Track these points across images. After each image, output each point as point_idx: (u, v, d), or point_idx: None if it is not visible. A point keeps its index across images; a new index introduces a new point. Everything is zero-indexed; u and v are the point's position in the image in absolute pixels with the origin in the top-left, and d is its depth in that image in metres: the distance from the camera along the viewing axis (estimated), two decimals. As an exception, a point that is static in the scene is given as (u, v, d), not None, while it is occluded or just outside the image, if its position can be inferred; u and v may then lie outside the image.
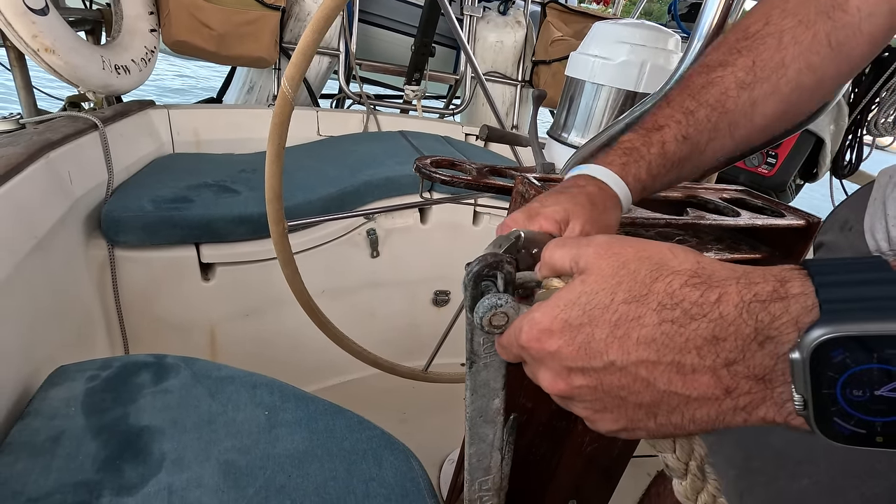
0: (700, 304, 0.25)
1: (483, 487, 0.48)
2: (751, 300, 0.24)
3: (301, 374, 1.45)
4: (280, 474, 0.61)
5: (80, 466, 0.58)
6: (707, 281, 0.25)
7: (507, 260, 0.35)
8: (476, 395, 0.42)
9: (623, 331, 0.26)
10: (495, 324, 0.34)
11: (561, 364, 0.29)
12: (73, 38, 1.14)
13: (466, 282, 0.35)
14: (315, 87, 2.02)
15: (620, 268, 0.28)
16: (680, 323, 0.25)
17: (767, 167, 1.60)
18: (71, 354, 0.90)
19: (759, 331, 0.24)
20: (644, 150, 0.45)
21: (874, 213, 0.49)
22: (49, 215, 0.90)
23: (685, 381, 0.26)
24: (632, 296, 0.27)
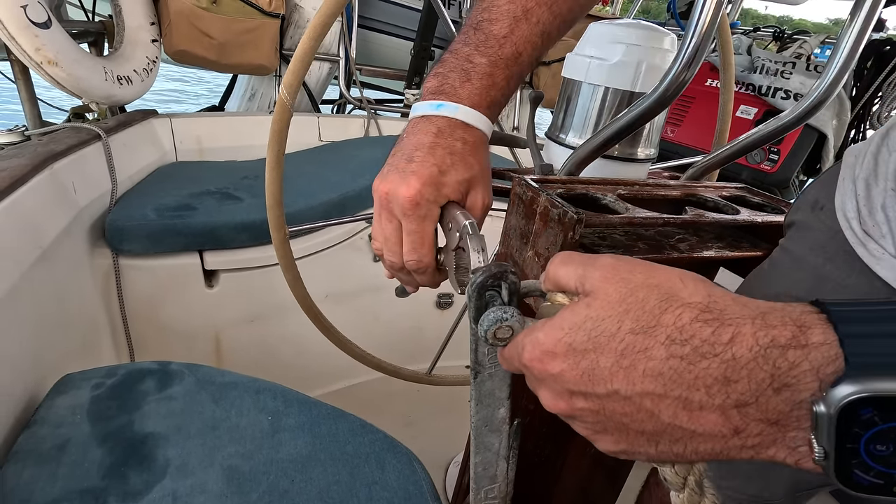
0: (711, 343, 0.24)
1: (489, 496, 0.48)
2: (767, 345, 0.23)
3: (306, 378, 1.45)
4: (283, 479, 0.61)
5: (85, 474, 0.59)
6: (719, 318, 0.24)
7: (512, 270, 0.35)
8: (481, 405, 0.42)
9: (629, 361, 0.26)
10: (500, 336, 0.33)
11: (563, 386, 0.28)
12: (75, 51, 1.15)
13: (470, 292, 0.34)
14: (316, 93, 2.03)
15: (628, 295, 0.27)
16: (689, 360, 0.24)
17: (770, 164, 1.59)
18: (77, 363, 0.91)
19: (775, 377, 0.23)
20: (503, 82, 0.44)
21: (844, 193, 0.50)
22: (54, 225, 0.91)
23: (691, 417, 0.25)
24: (640, 326, 0.26)
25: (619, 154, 0.78)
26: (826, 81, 0.70)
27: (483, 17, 0.43)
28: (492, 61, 0.43)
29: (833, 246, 0.49)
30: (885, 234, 0.45)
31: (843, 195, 0.50)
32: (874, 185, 0.47)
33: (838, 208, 0.50)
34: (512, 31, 0.43)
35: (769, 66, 1.62)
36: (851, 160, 0.52)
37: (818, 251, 0.51)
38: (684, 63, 0.54)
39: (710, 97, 1.80)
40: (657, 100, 0.58)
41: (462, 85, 0.43)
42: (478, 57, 0.43)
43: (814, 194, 0.56)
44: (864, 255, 0.46)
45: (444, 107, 0.43)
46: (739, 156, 0.83)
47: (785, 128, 0.76)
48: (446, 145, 0.42)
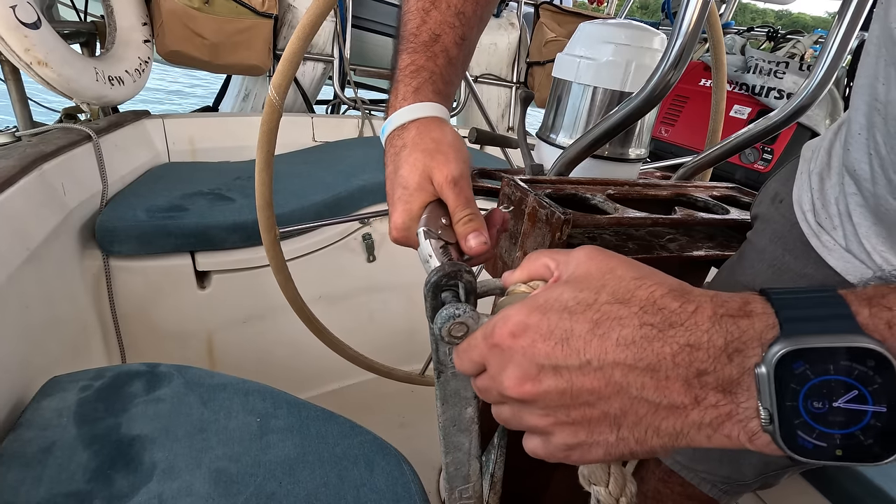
0: (678, 313, 0.26)
1: (464, 496, 0.48)
2: (722, 314, 0.25)
3: (299, 379, 1.45)
4: (271, 481, 0.61)
5: (70, 477, 0.58)
6: (685, 295, 0.27)
7: (467, 269, 0.35)
8: (447, 405, 0.41)
9: (604, 329, 0.27)
10: (455, 334, 0.33)
11: (532, 361, 0.28)
12: (65, 51, 1.15)
13: (425, 292, 0.35)
14: (310, 94, 2.02)
15: (608, 272, 0.29)
16: (659, 328, 0.26)
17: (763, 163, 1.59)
18: (67, 365, 0.91)
19: (728, 343, 0.25)
20: (431, 64, 0.45)
21: (801, 186, 0.51)
22: (42, 227, 0.90)
23: (657, 387, 0.26)
24: (615, 297, 0.27)
25: (609, 154, 0.78)
26: (815, 81, 0.70)
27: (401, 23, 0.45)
28: (410, 54, 0.44)
29: (791, 237, 0.51)
30: (837, 226, 0.46)
31: (800, 189, 0.51)
32: (827, 178, 0.48)
33: (795, 201, 0.51)
34: (424, 21, 0.44)
35: (762, 65, 1.62)
36: (808, 154, 0.53)
37: (777, 242, 0.53)
38: (671, 63, 0.54)
39: (705, 97, 1.80)
40: (645, 99, 0.58)
41: (394, 93, 0.46)
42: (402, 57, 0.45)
43: (774, 187, 0.57)
44: (817, 246, 0.48)
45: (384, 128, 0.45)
46: (730, 155, 0.83)
47: (775, 127, 0.76)
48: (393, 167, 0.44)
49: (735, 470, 0.60)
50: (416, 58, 0.45)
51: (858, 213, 0.44)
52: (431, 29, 0.45)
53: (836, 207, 0.46)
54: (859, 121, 0.41)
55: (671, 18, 2.13)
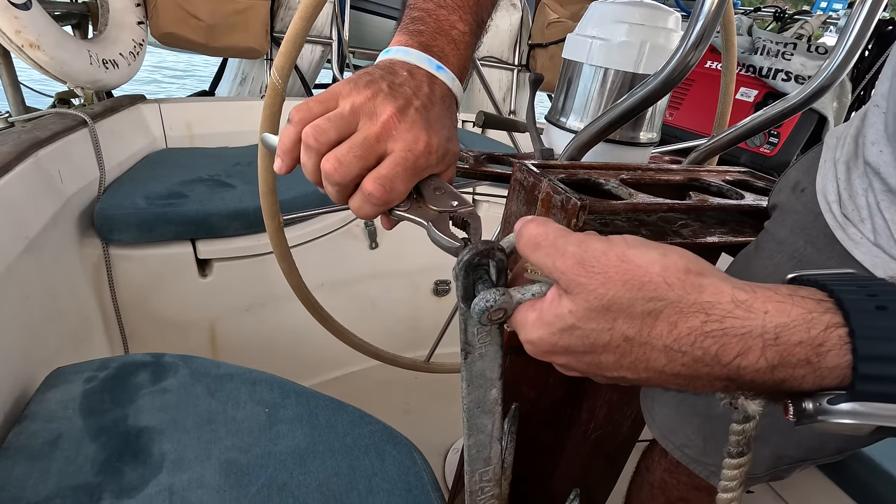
0: (715, 356, 0.24)
1: (484, 478, 0.48)
2: (778, 363, 0.23)
3: (303, 367, 1.44)
4: (282, 472, 0.60)
5: (79, 469, 0.58)
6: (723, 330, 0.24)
7: (498, 247, 0.34)
8: (472, 386, 0.41)
9: (630, 361, 0.26)
10: (494, 318, 0.33)
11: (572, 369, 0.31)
12: (58, 33, 1.11)
13: (457, 271, 0.34)
14: (309, 77, 1.99)
15: (612, 303, 0.26)
16: (690, 367, 0.25)
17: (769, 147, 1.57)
18: (70, 355, 0.90)
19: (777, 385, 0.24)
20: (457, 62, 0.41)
21: (825, 175, 0.49)
22: (40, 215, 0.88)
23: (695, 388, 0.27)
24: (633, 334, 0.26)
25: (620, 138, 0.76)
26: (833, 64, 0.68)
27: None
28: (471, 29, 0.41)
29: (814, 229, 0.49)
30: (864, 218, 0.44)
31: (824, 178, 0.49)
32: (854, 168, 0.47)
33: (819, 191, 0.49)
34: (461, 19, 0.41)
35: (770, 46, 1.59)
36: (833, 142, 0.51)
37: (799, 234, 0.51)
38: (692, 43, 0.52)
39: (710, 79, 1.77)
40: (662, 81, 0.57)
41: (452, 53, 0.40)
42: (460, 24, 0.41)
43: (795, 176, 0.55)
44: (843, 238, 0.46)
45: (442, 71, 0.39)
46: (743, 139, 0.81)
47: (790, 111, 0.74)
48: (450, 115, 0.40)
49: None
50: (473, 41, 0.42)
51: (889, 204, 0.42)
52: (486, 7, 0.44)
53: (864, 199, 0.45)
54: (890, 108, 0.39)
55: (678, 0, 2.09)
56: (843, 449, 0.53)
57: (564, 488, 0.96)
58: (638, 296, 0.25)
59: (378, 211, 0.37)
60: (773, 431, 0.54)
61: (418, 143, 0.35)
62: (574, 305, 0.27)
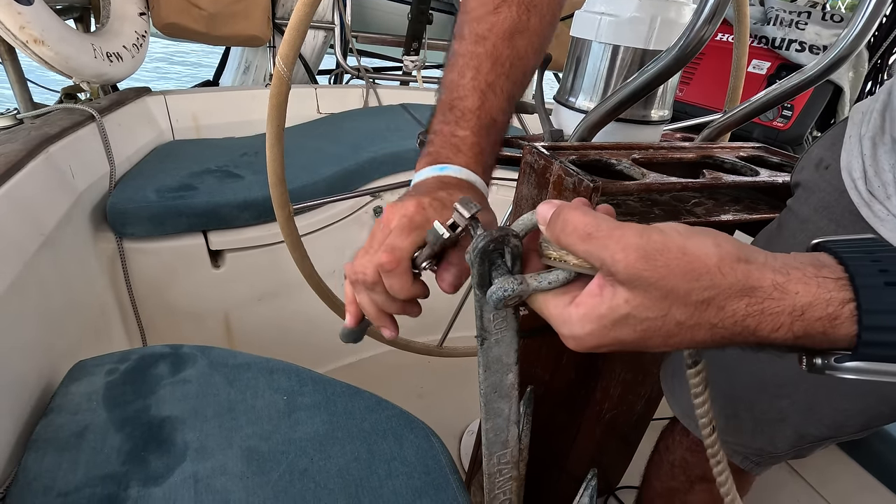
0: (753, 331, 0.27)
1: (502, 461, 0.48)
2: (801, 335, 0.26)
3: (317, 354, 1.46)
4: (302, 458, 0.61)
5: (106, 459, 0.59)
6: (762, 310, 0.26)
7: (513, 233, 0.34)
8: (489, 372, 0.41)
9: (676, 341, 0.29)
10: (510, 304, 0.33)
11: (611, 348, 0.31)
12: (61, 28, 1.11)
13: (472, 258, 0.34)
14: (312, 64, 1.97)
15: (670, 292, 0.27)
16: (728, 339, 0.28)
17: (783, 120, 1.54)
18: (89, 349, 0.91)
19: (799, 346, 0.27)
20: (489, 148, 0.46)
21: (850, 151, 0.48)
22: (54, 211, 0.89)
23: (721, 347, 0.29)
24: (685, 318, 0.27)
25: (631, 117, 0.75)
26: (852, 33, 0.66)
27: (454, 96, 0.45)
28: (474, 132, 0.45)
29: (839, 207, 0.48)
30: (891, 194, 0.43)
31: (849, 154, 0.48)
32: (881, 144, 0.45)
33: (844, 168, 0.48)
34: (483, 103, 0.45)
35: (783, 16, 1.54)
36: (858, 117, 0.50)
37: (823, 212, 0.50)
38: (705, 17, 0.51)
39: (722, 52, 1.73)
40: (675, 57, 0.55)
41: (456, 156, 0.45)
42: (461, 131, 0.45)
43: (819, 153, 0.54)
44: (868, 216, 0.45)
45: (447, 168, 0.44)
46: (757, 114, 0.79)
47: (806, 84, 0.72)
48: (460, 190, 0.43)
49: (768, 442, 0.59)
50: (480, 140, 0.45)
51: None
52: (490, 113, 0.45)
53: (890, 175, 0.43)
54: None
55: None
56: (867, 425, 0.53)
57: (580, 468, 0.97)
58: (695, 286, 0.27)
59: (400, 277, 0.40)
60: (794, 411, 0.54)
61: (408, 207, 0.39)
62: (631, 295, 0.28)
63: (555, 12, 0.45)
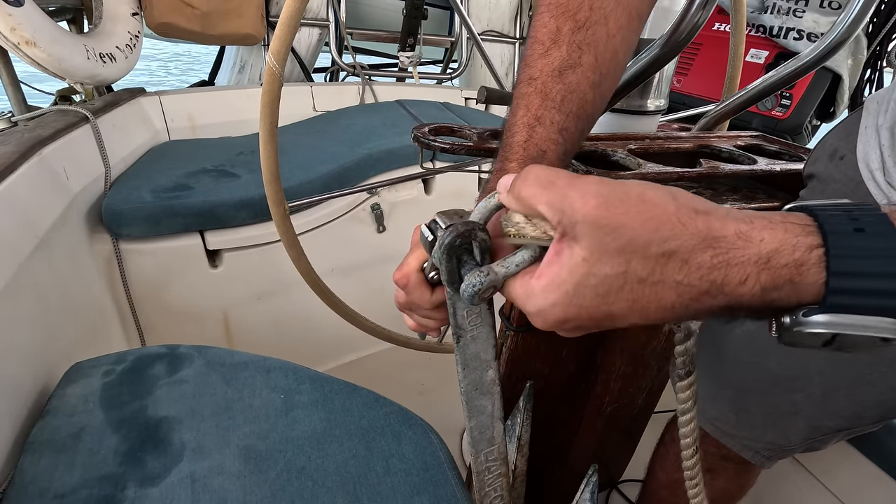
0: (720, 286, 0.26)
1: (489, 458, 0.48)
2: (768, 286, 0.25)
3: (318, 353, 1.46)
4: (300, 456, 0.61)
5: (102, 461, 0.59)
6: (727, 261, 0.25)
7: (479, 226, 0.33)
8: (468, 369, 0.41)
9: (641, 305, 0.27)
10: (485, 297, 0.32)
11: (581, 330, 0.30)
12: (53, 29, 1.10)
13: (439, 256, 0.33)
14: (307, 62, 1.96)
15: (628, 243, 0.26)
16: (698, 299, 0.26)
17: (782, 109, 1.53)
18: (87, 350, 0.91)
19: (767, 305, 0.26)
20: None
21: (867, 142, 0.47)
22: (48, 213, 0.89)
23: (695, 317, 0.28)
24: (647, 274, 0.26)
25: (627, 107, 0.74)
26: (848, 18, 0.65)
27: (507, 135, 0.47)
28: (520, 163, 0.45)
29: (854, 198, 0.47)
30: None
31: (866, 145, 0.47)
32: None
33: (860, 158, 0.47)
34: (530, 137, 0.45)
35: (780, 4, 1.53)
36: (874, 107, 0.48)
37: None
38: (699, 3, 0.50)
39: (719, 42, 1.71)
40: (669, 45, 0.55)
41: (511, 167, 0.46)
42: (508, 164, 0.46)
43: (833, 143, 0.53)
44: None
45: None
46: (753, 103, 0.79)
47: (803, 70, 0.71)
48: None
49: (780, 436, 0.58)
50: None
51: None
52: (538, 145, 0.45)
53: None
54: None
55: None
56: (884, 417, 0.52)
57: (582, 462, 0.97)
58: (655, 237, 0.26)
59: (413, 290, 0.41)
60: (808, 404, 0.53)
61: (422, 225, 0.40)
62: (587, 252, 0.27)
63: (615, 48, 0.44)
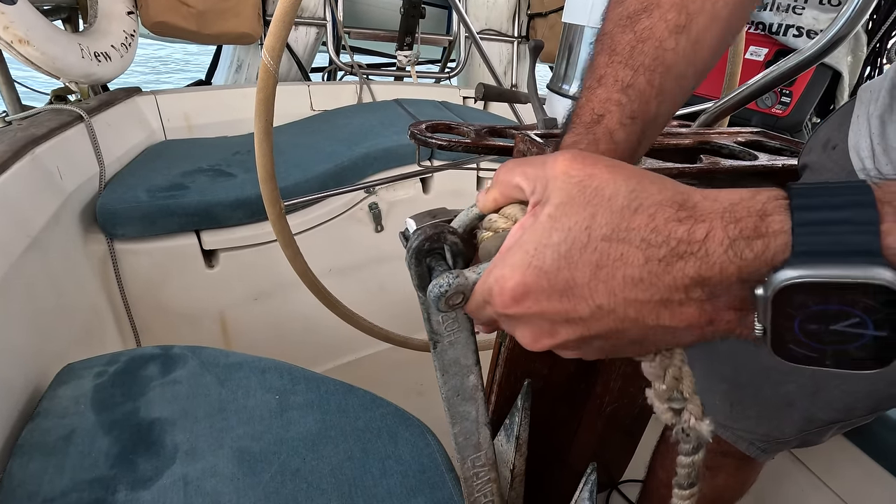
0: (687, 242, 0.24)
1: (477, 464, 0.47)
2: (736, 237, 0.23)
3: (315, 353, 1.45)
4: (294, 458, 0.60)
5: (93, 463, 0.58)
6: (692, 214, 0.24)
7: (450, 229, 0.32)
8: (448, 375, 0.39)
9: (607, 272, 0.25)
10: (453, 303, 0.31)
11: (543, 320, 0.28)
12: (47, 27, 1.09)
13: (408, 260, 0.31)
14: (304, 61, 1.95)
15: (594, 195, 0.25)
16: (666, 261, 0.24)
17: (781, 107, 1.52)
18: (81, 351, 0.90)
19: (741, 269, 0.23)
20: (592, 149, 0.40)
21: (858, 131, 0.47)
22: (41, 213, 0.88)
23: (673, 316, 0.26)
24: (611, 230, 0.25)
25: (626, 103, 0.73)
26: (848, 15, 0.64)
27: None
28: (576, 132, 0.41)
29: None
30: None
31: (857, 133, 0.47)
32: (889, 122, 0.44)
33: (851, 147, 0.47)
34: (588, 101, 0.41)
35: (780, 1, 1.53)
36: (866, 96, 0.48)
37: None
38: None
39: (717, 40, 1.70)
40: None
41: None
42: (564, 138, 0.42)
43: (826, 133, 0.52)
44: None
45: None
46: (752, 99, 0.78)
47: (803, 65, 0.71)
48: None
49: (775, 427, 0.58)
50: (578, 139, 0.40)
51: None
52: (594, 107, 0.40)
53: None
54: None
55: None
56: (876, 408, 0.52)
57: (582, 462, 0.96)
58: (621, 188, 0.25)
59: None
60: (801, 395, 0.53)
61: None
62: (553, 208, 0.26)
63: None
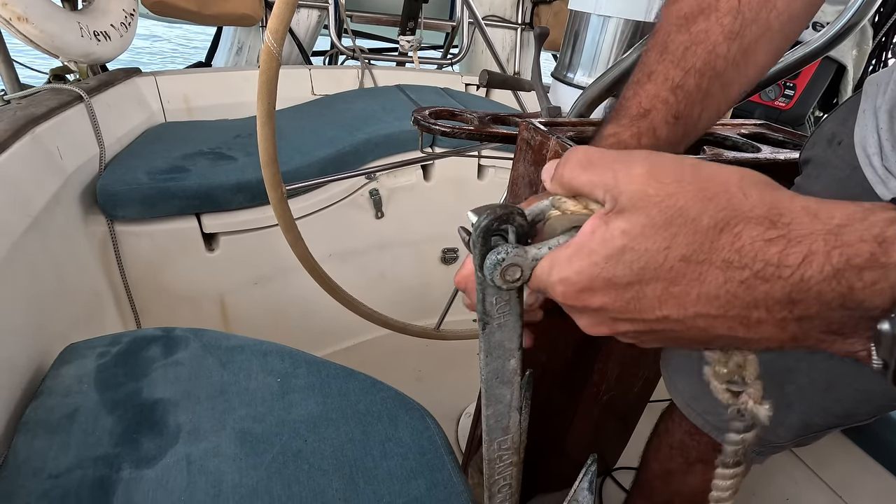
0: (777, 265, 0.21)
1: (503, 447, 0.47)
2: (843, 267, 0.20)
3: (314, 338, 1.45)
4: (296, 439, 0.61)
5: (97, 441, 0.59)
6: (787, 234, 0.21)
7: (518, 211, 0.31)
8: (491, 357, 0.40)
9: (680, 289, 0.23)
10: (510, 278, 0.31)
11: (605, 316, 0.27)
12: (46, 5, 1.08)
13: (474, 238, 0.31)
14: (306, 44, 1.93)
15: (677, 216, 0.23)
16: (749, 284, 0.22)
17: (785, 100, 1.52)
18: (83, 332, 0.90)
19: (846, 297, 0.21)
20: (633, 142, 0.40)
21: (865, 126, 0.46)
22: (42, 193, 0.87)
23: (748, 330, 0.24)
24: (692, 251, 0.23)
25: (631, 93, 0.73)
26: (854, 7, 0.64)
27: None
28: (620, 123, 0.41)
29: (852, 184, 0.46)
30: None
31: (864, 128, 0.46)
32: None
33: (857, 143, 0.46)
34: (636, 94, 0.41)
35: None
36: (872, 89, 0.47)
37: (835, 189, 0.48)
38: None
39: (722, 31, 1.69)
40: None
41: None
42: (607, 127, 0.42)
43: (830, 128, 0.51)
44: (883, 193, 0.42)
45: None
46: (757, 91, 0.77)
47: (808, 58, 0.70)
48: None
49: (770, 433, 0.58)
50: (620, 130, 0.40)
51: None
52: (641, 101, 0.40)
53: None
54: None
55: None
56: (876, 413, 0.51)
57: (578, 450, 0.98)
58: (708, 207, 0.22)
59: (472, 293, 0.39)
60: (799, 399, 0.53)
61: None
62: (628, 224, 0.24)
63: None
